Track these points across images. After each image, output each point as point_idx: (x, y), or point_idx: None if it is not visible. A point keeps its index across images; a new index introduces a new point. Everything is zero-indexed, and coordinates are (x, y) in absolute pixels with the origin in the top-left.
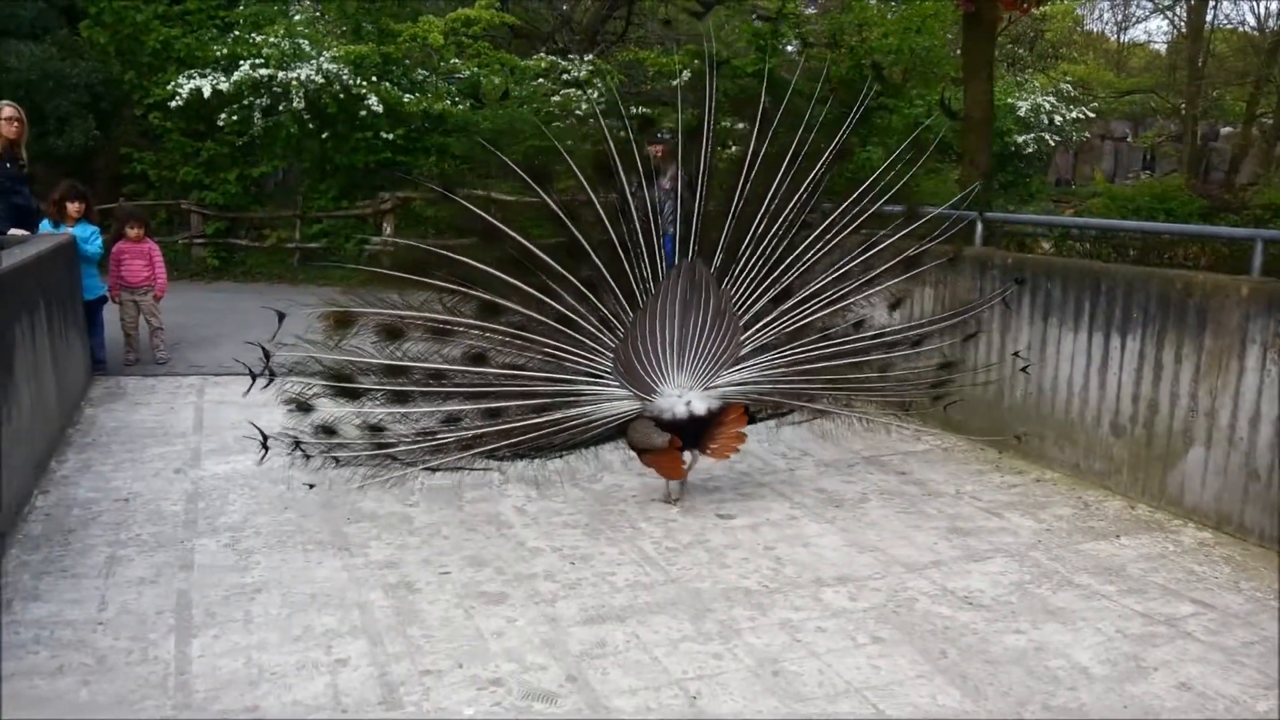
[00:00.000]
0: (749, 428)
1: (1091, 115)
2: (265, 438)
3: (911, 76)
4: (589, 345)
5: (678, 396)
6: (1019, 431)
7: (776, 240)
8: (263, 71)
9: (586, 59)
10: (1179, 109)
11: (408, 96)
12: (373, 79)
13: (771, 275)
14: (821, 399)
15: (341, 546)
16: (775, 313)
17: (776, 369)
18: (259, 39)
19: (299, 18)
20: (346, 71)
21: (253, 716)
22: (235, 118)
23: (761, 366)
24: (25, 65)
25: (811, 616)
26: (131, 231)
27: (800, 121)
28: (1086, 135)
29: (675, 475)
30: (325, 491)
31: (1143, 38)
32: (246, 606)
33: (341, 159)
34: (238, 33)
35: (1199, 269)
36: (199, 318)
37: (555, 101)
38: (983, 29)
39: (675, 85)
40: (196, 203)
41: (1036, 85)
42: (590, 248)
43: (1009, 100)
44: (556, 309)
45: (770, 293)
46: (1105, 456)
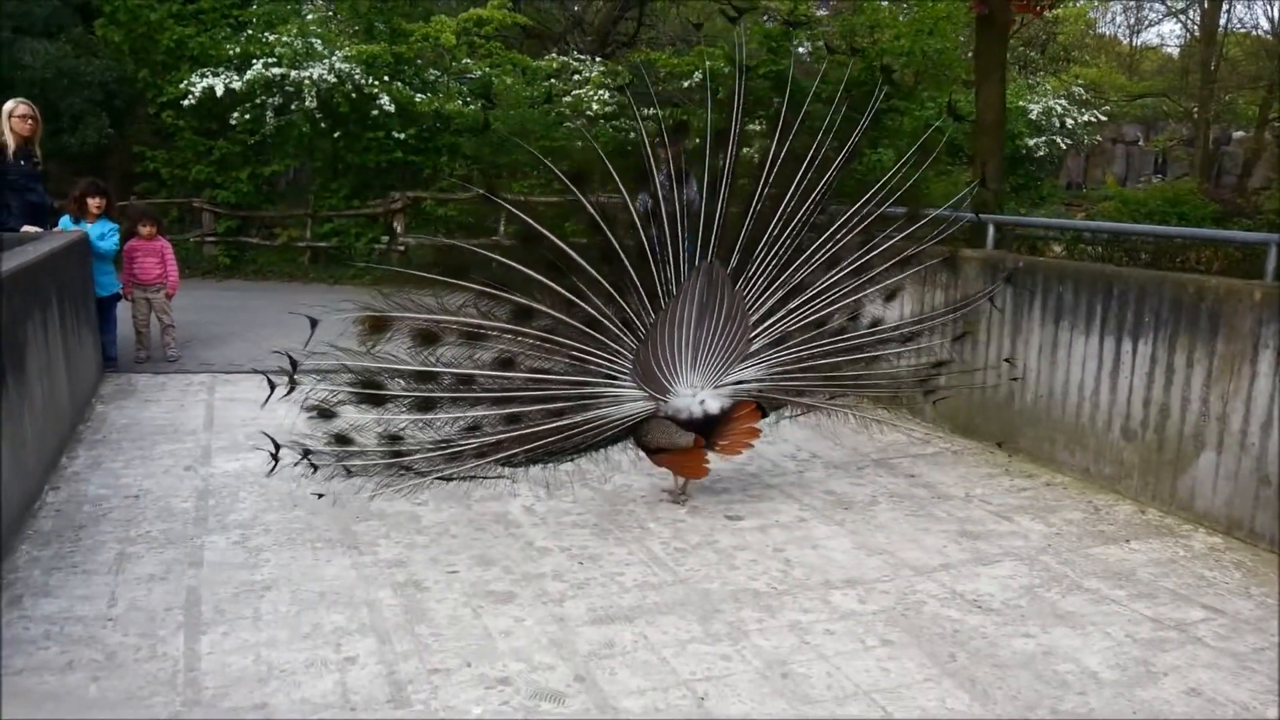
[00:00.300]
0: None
1: (1103, 118)
2: (277, 446)
3: (923, 79)
4: (612, 347)
5: (691, 395)
6: (1000, 440)
7: (789, 240)
8: (275, 70)
9: (598, 60)
10: (1191, 113)
11: (419, 96)
12: (385, 78)
13: (783, 274)
14: (821, 395)
15: (350, 545)
16: (782, 310)
17: (782, 366)
18: (272, 38)
19: (312, 17)
20: (359, 71)
21: (262, 714)
22: (248, 116)
23: (768, 364)
24: (40, 63)
25: (820, 619)
26: (144, 229)
27: (816, 124)
28: (1098, 139)
29: (699, 474)
30: (334, 490)
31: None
32: (256, 604)
33: (353, 158)
34: (251, 32)
35: (1211, 273)
36: (210, 316)
37: (567, 102)
38: (995, 31)
39: (704, 87)
40: (208, 201)
41: (1048, 88)
42: (621, 250)
43: (1020, 103)
44: (585, 311)
45: (780, 292)
46: (1116, 461)
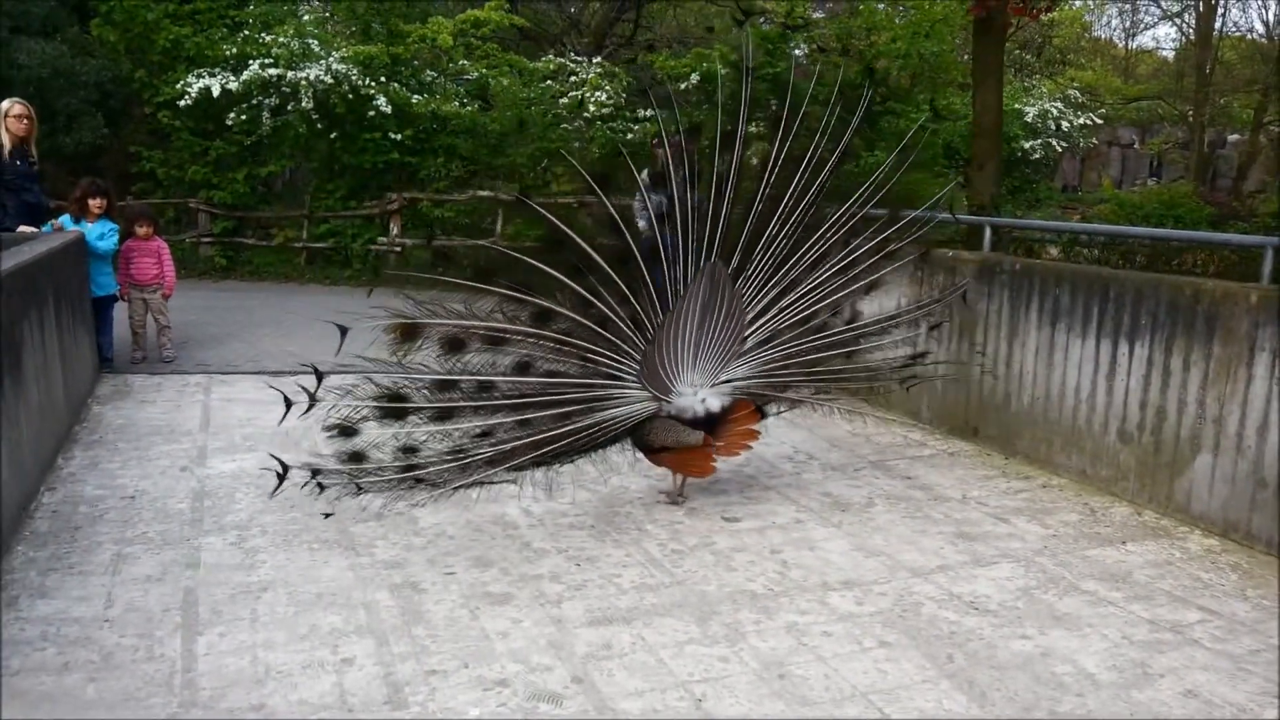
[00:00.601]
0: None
1: (1099, 121)
2: (285, 468)
3: (920, 81)
4: (622, 348)
5: (693, 394)
6: (976, 428)
7: (785, 240)
8: (272, 71)
9: (595, 61)
10: (1186, 116)
11: (416, 97)
12: (381, 79)
13: (778, 273)
14: (806, 389)
15: (348, 546)
16: (775, 309)
17: (771, 362)
18: (268, 39)
19: (308, 18)
20: (355, 72)
21: (259, 715)
22: (244, 117)
23: (759, 361)
24: (36, 63)
25: (818, 620)
26: (140, 230)
27: (813, 126)
28: (1094, 141)
29: (706, 472)
30: (331, 491)
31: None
32: (253, 605)
33: (350, 159)
34: (247, 32)
35: (1207, 276)
36: (206, 316)
37: (564, 104)
38: (993, 35)
39: (701, 89)
40: (205, 201)
41: (1044, 91)
42: (638, 251)
43: (1016, 106)
44: (601, 312)
45: (774, 290)
46: (1112, 463)
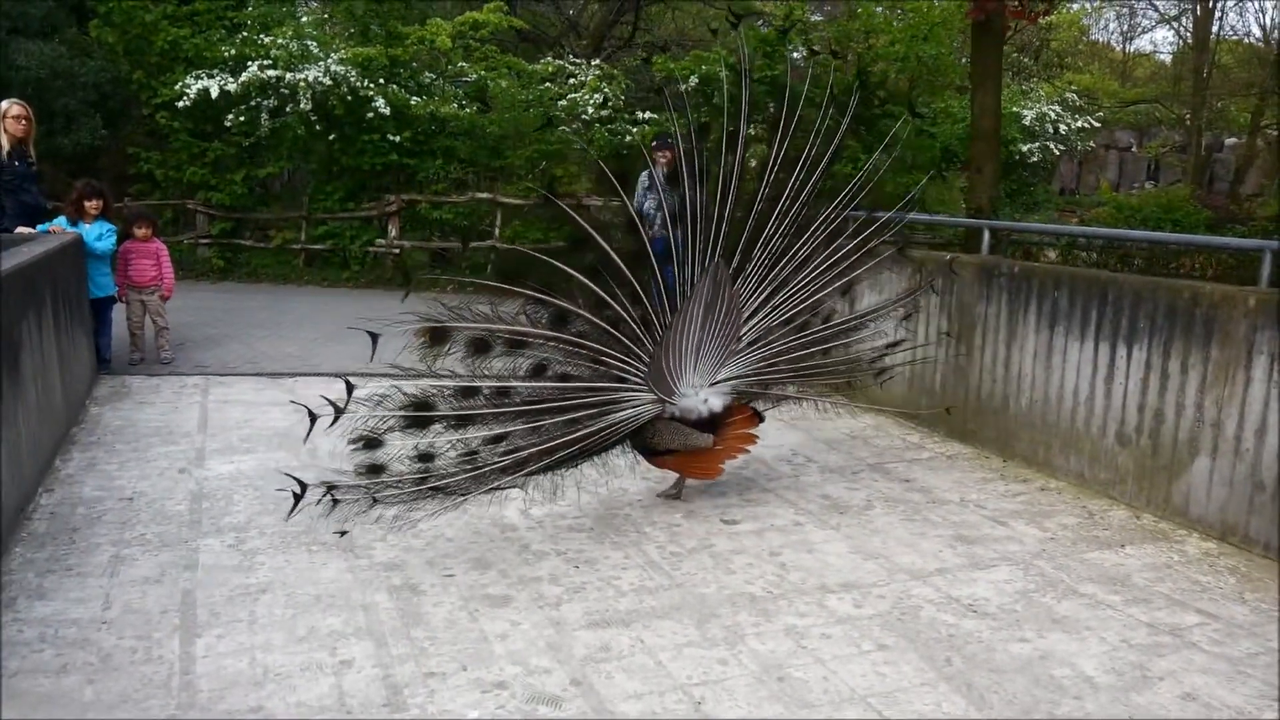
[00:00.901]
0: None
1: (1096, 125)
2: (303, 486)
3: (918, 84)
4: (633, 350)
5: (694, 394)
6: (948, 406)
7: (780, 239)
8: (270, 73)
9: (594, 64)
10: (1184, 119)
11: (415, 99)
12: (380, 81)
13: (771, 272)
14: (791, 385)
15: (346, 548)
16: (767, 307)
17: (763, 360)
18: (267, 40)
19: (307, 19)
20: (354, 74)
21: (258, 717)
22: (242, 118)
23: (751, 359)
24: (34, 64)
25: (816, 623)
26: (139, 231)
27: (810, 128)
28: (1091, 145)
29: (714, 474)
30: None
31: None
32: (251, 607)
33: (348, 161)
34: (246, 34)
35: (1205, 280)
36: (204, 318)
37: (562, 106)
38: (991, 38)
39: (701, 91)
40: (203, 203)
41: (1042, 94)
42: (652, 253)
43: (1014, 109)
44: (616, 313)
45: (769, 289)
46: (1110, 466)
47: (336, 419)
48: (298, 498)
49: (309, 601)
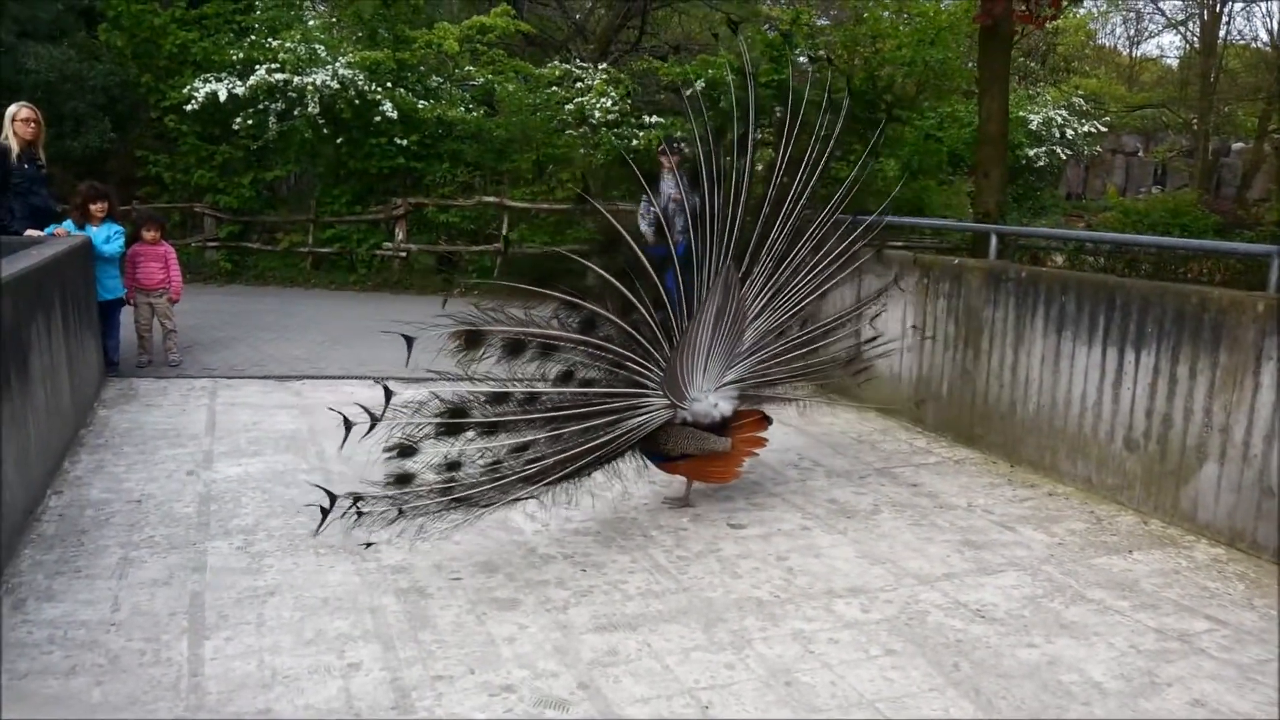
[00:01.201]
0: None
1: (1103, 129)
2: (333, 498)
3: (925, 89)
4: (652, 355)
5: (705, 399)
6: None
7: (783, 242)
8: (278, 76)
9: (600, 67)
10: (1191, 124)
11: (422, 103)
12: (387, 85)
13: (774, 276)
14: (783, 385)
15: (353, 550)
16: (768, 309)
17: (761, 363)
18: (275, 44)
19: (315, 23)
20: (362, 77)
21: (266, 719)
22: (250, 122)
23: (751, 362)
24: (43, 67)
25: (824, 627)
26: (148, 234)
27: (812, 132)
28: (1098, 149)
29: (731, 477)
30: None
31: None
32: (259, 609)
33: (355, 164)
34: (254, 37)
35: (1213, 285)
36: (211, 320)
37: (569, 110)
38: (998, 42)
39: (706, 94)
40: (210, 206)
41: (1048, 98)
42: (675, 257)
43: (1021, 113)
44: (642, 317)
45: (770, 293)
46: (1118, 471)
47: (372, 427)
48: (325, 511)
49: (317, 604)
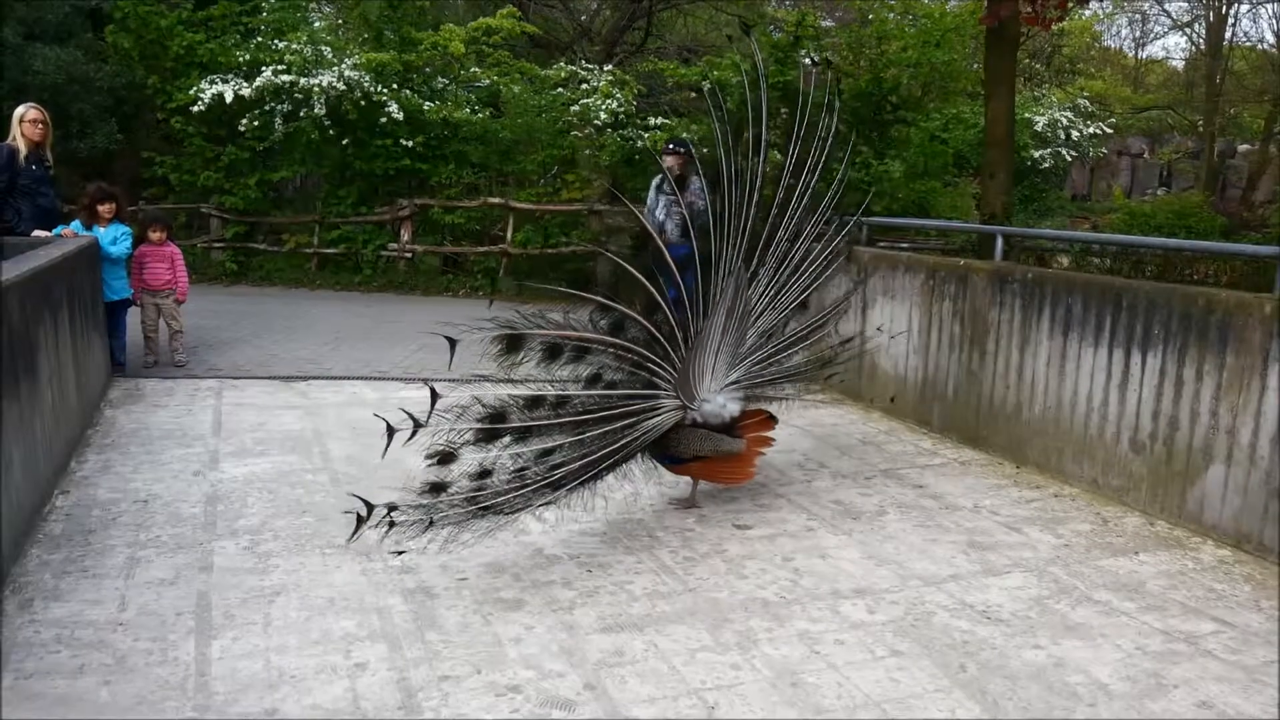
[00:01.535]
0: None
1: (1108, 131)
2: (370, 508)
3: (930, 90)
4: (670, 356)
5: (714, 399)
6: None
7: (785, 243)
8: (284, 78)
9: (606, 69)
10: (1196, 126)
11: (428, 104)
12: (393, 86)
13: (775, 276)
14: (775, 385)
15: (359, 551)
16: (769, 309)
17: (758, 363)
18: (281, 45)
19: (321, 24)
20: (368, 79)
21: (272, 719)
22: (256, 123)
23: (749, 362)
24: (51, 69)
25: (830, 628)
26: (154, 235)
27: (816, 133)
28: (1103, 151)
29: (745, 477)
30: (343, 496)
31: (1161, 54)
32: (266, 609)
33: (361, 165)
34: (260, 39)
35: (1220, 287)
36: (217, 321)
37: (574, 111)
38: (1004, 44)
39: (715, 96)
40: (216, 207)
41: (1054, 100)
42: (699, 257)
43: (1026, 115)
44: (665, 318)
45: (772, 293)
46: (1124, 473)
47: (414, 433)
48: (361, 520)
49: (323, 604)
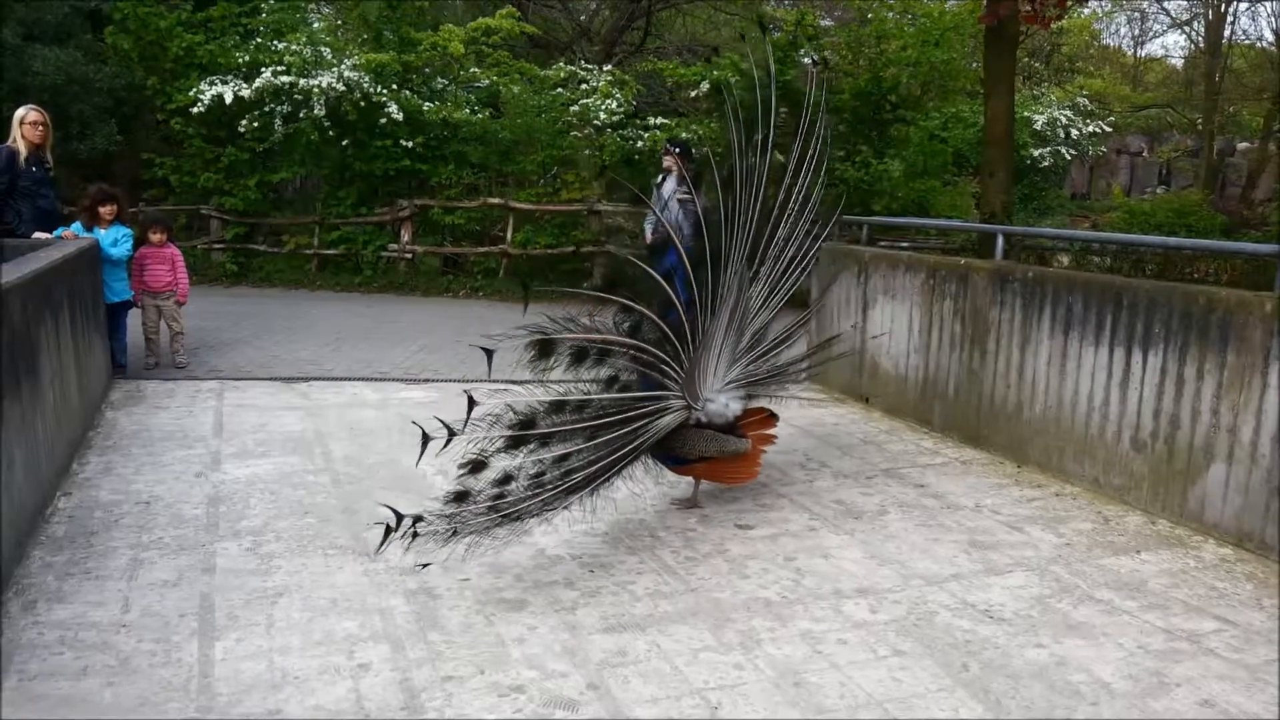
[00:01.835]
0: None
1: (1108, 129)
2: (399, 518)
3: (930, 89)
4: (679, 356)
5: (716, 399)
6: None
7: (781, 243)
8: (284, 79)
9: (605, 69)
10: (1196, 124)
11: (427, 105)
12: (393, 87)
13: (771, 275)
14: (766, 383)
15: (362, 552)
16: (763, 309)
17: (752, 362)
18: (281, 46)
19: (320, 25)
20: (367, 79)
21: (275, 719)
22: (256, 124)
23: (744, 361)
24: (50, 70)
25: (832, 628)
26: (154, 237)
27: (816, 134)
28: (1102, 149)
29: (748, 478)
30: (345, 497)
31: (1160, 52)
32: (268, 610)
33: (361, 166)
34: (260, 40)
35: (1220, 285)
36: (218, 322)
37: (574, 111)
38: (1004, 43)
39: (720, 97)
40: (216, 208)
41: (1053, 99)
42: (709, 257)
43: (1025, 114)
44: (679, 318)
45: (767, 292)
46: (1125, 471)
47: (449, 441)
48: (389, 529)
49: (326, 605)
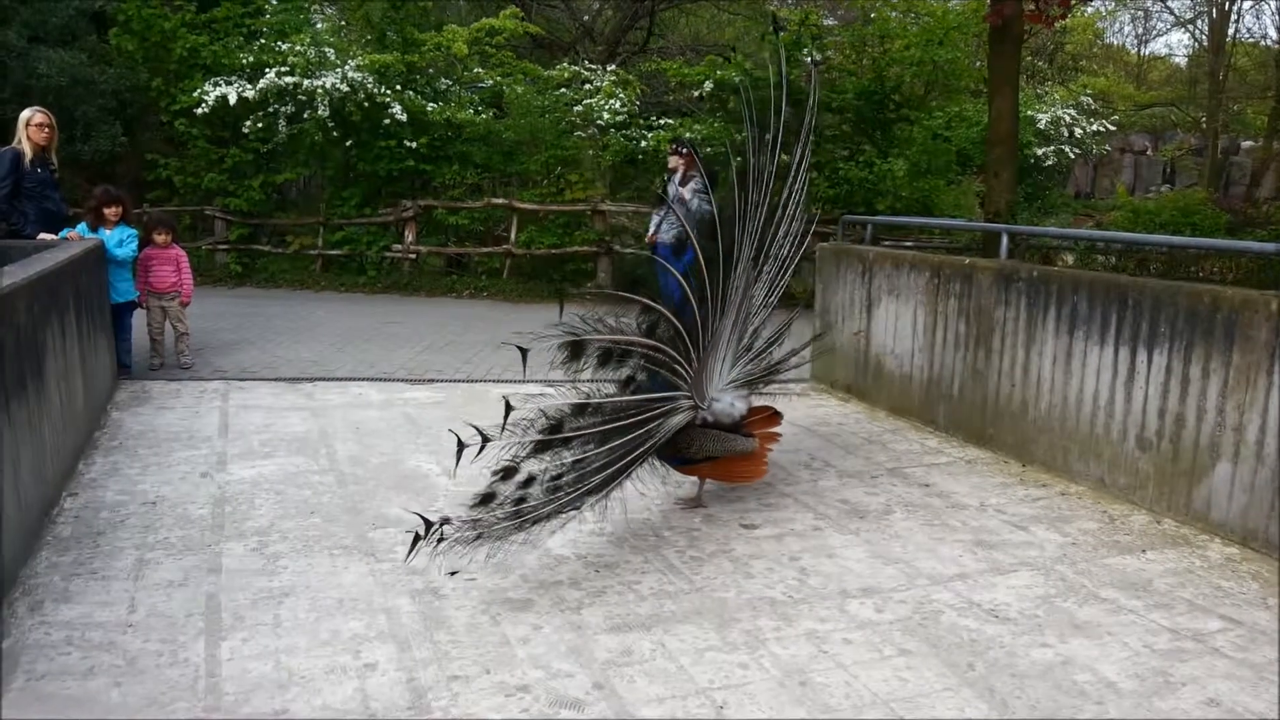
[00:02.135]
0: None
1: (1111, 128)
2: (428, 524)
3: (933, 89)
4: (690, 355)
5: (721, 398)
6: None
7: (781, 242)
8: (288, 79)
9: (608, 69)
10: (1200, 123)
11: (431, 105)
12: (397, 88)
13: (770, 273)
14: (762, 383)
15: (367, 552)
16: (762, 308)
17: (750, 361)
18: (285, 47)
19: (324, 26)
20: (371, 80)
21: (282, 719)
22: (260, 125)
23: (744, 360)
24: (55, 71)
25: (837, 628)
26: (159, 238)
27: (817, 134)
28: (1106, 148)
29: (756, 476)
30: (350, 497)
31: (1163, 51)
32: (275, 610)
33: (365, 166)
34: (264, 41)
35: (1226, 284)
36: (222, 323)
37: (577, 111)
38: (1008, 43)
39: (729, 96)
40: (220, 209)
41: (1056, 98)
42: (722, 256)
43: (1029, 112)
44: (694, 318)
45: (766, 290)
46: (1130, 471)
47: (483, 448)
48: (418, 537)
49: (332, 605)
